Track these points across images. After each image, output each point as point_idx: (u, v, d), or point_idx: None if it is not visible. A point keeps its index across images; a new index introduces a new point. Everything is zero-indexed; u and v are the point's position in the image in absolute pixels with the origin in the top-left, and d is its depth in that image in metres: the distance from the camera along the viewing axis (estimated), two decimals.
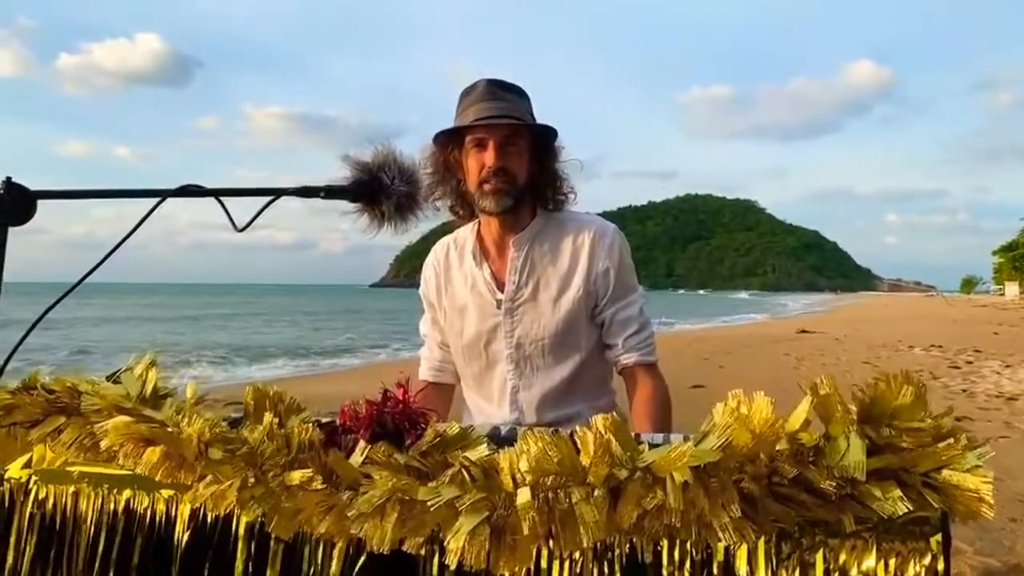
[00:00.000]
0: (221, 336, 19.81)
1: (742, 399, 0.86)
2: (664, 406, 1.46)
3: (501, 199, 1.43)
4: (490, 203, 1.44)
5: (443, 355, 1.66)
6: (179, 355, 12.39)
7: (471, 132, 1.44)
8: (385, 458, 0.90)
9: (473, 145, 1.44)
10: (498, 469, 0.87)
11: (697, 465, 0.80)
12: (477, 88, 1.46)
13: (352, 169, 1.19)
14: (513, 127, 1.42)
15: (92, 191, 1.09)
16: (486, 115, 1.41)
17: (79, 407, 1.04)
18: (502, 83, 1.46)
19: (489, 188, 1.43)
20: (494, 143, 1.41)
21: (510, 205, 1.44)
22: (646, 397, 1.46)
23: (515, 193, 1.44)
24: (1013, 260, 41.79)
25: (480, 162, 1.43)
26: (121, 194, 1.11)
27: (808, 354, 10.35)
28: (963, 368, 8.55)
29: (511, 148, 1.42)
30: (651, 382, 1.48)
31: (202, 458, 0.93)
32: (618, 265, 1.49)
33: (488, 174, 1.42)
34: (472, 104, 1.44)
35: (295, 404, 1.05)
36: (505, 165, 1.42)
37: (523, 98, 1.48)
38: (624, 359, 1.50)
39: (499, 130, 1.41)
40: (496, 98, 1.43)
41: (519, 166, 1.44)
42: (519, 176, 1.44)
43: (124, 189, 1.10)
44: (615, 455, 0.83)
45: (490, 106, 1.41)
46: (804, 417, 0.82)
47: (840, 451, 0.81)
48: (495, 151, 1.41)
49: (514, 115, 1.41)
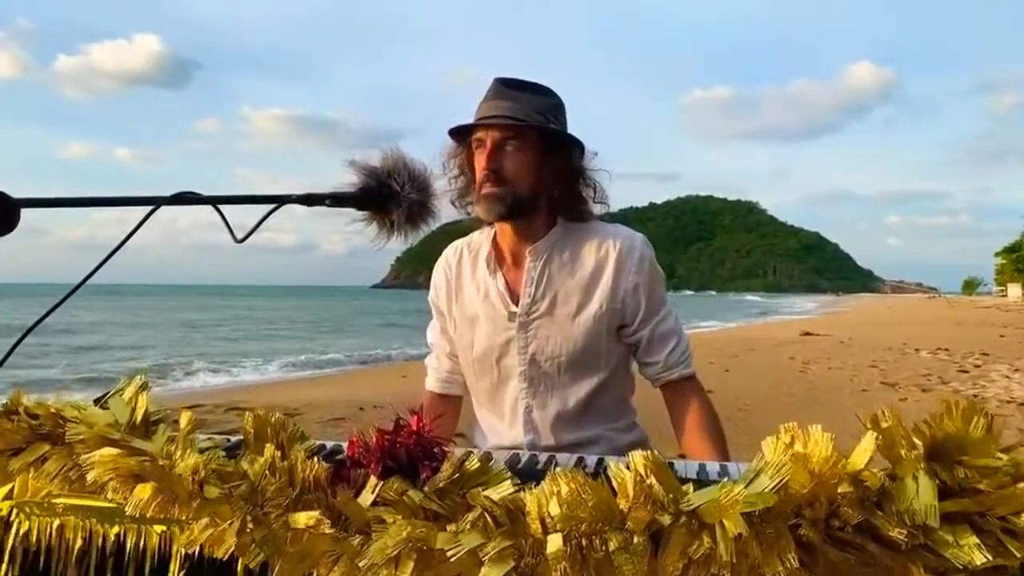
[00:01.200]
0: (220, 338, 19.73)
1: (796, 433, 0.77)
2: (716, 422, 1.39)
3: (493, 205, 1.33)
4: (482, 209, 1.34)
5: (452, 366, 1.57)
6: (177, 358, 12.30)
7: (474, 133, 1.35)
8: (398, 497, 0.82)
9: (476, 147, 1.36)
10: (524, 511, 0.78)
11: (750, 511, 0.72)
12: (489, 87, 1.37)
13: (359, 175, 1.11)
14: (513, 128, 1.31)
15: (81, 199, 1.00)
16: (484, 115, 1.32)
17: (64, 435, 0.96)
18: (513, 81, 1.37)
19: (483, 193, 1.33)
20: (490, 143, 1.32)
21: (503, 212, 1.34)
22: (698, 415, 1.38)
23: (510, 200, 1.33)
24: (1016, 262, 41.69)
25: (479, 164, 1.34)
26: (113, 202, 1.02)
27: (814, 357, 10.25)
28: (972, 372, 8.46)
29: (509, 149, 1.32)
30: (698, 397, 1.41)
31: (197, 496, 0.85)
32: (648, 280, 1.39)
33: (483, 177, 1.33)
34: (480, 104, 1.35)
35: (298, 432, 0.96)
36: (498, 167, 1.32)
37: (540, 96, 1.36)
38: (667, 375, 1.41)
39: (495, 130, 1.32)
40: (501, 97, 1.34)
41: (518, 169, 1.33)
42: (517, 180, 1.33)
43: (116, 197, 1.01)
44: (657, 498, 0.74)
45: (493, 105, 1.33)
46: (869, 456, 0.73)
47: (909, 494, 0.72)
48: (489, 152, 1.32)
49: (516, 115, 1.31)
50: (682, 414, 1.41)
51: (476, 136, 1.35)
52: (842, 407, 6.10)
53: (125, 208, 1.04)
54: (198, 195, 1.06)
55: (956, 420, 0.78)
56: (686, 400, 1.41)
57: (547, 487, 0.78)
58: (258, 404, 6.18)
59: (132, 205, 1.03)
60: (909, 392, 6.82)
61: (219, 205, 1.06)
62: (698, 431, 1.37)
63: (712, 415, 1.40)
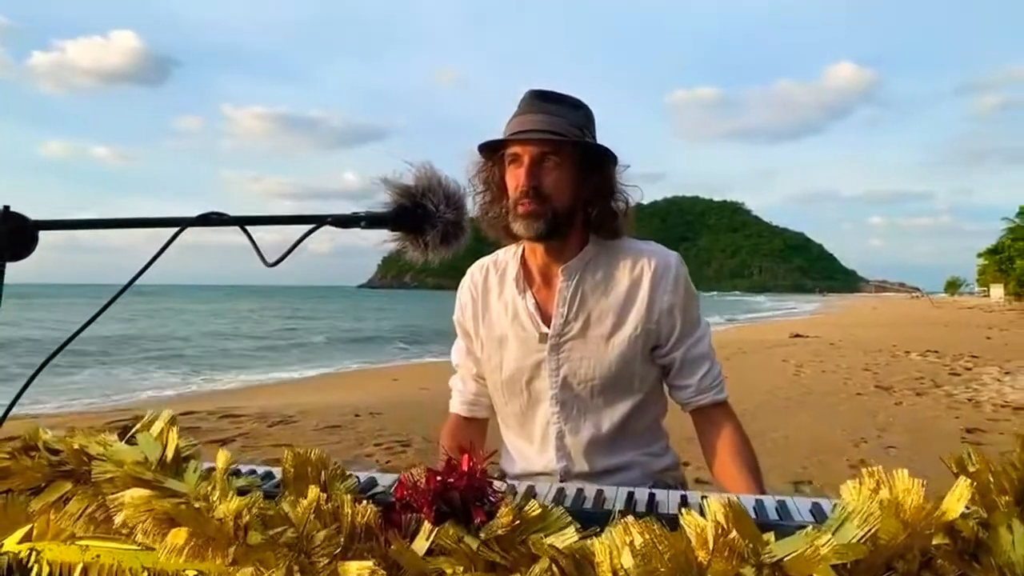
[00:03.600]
0: (205, 340, 19.53)
1: (881, 477, 0.73)
2: (750, 450, 1.34)
3: (532, 224, 1.28)
4: (521, 228, 1.29)
5: (478, 388, 1.52)
6: (161, 362, 12.13)
7: (509, 148, 1.30)
8: (455, 544, 0.77)
9: (510, 161, 1.30)
10: (593, 562, 0.74)
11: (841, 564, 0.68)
12: (522, 100, 1.32)
13: (393, 194, 1.06)
14: (550, 143, 1.27)
15: (102, 221, 0.94)
16: (521, 128, 1.27)
17: (88, 473, 0.90)
18: (548, 94, 1.32)
19: (522, 211, 1.28)
20: (528, 159, 1.27)
21: (543, 231, 1.29)
22: (731, 442, 1.33)
23: (550, 217, 1.29)
24: (998, 263, 42.16)
25: (516, 181, 1.29)
26: (136, 223, 0.96)
27: (806, 360, 10.28)
28: (963, 375, 8.50)
29: (548, 165, 1.28)
30: (731, 424, 1.36)
31: (237, 542, 0.79)
32: (684, 301, 1.35)
33: (520, 194, 1.28)
34: (514, 117, 1.30)
35: (339, 470, 0.91)
36: (538, 184, 1.27)
37: (576, 109, 1.32)
38: (699, 400, 1.37)
39: (534, 145, 1.27)
40: (537, 110, 1.29)
41: (558, 186, 1.29)
42: (556, 197, 1.29)
43: (139, 219, 0.95)
44: (738, 549, 0.70)
45: (529, 119, 1.28)
46: (964, 504, 0.69)
47: (1006, 544, 0.68)
48: (528, 168, 1.27)
49: (555, 129, 1.26)
50: (714, 440, 1.36)
51: (511, 151, 1.30)
52: (838, 411, 6.10)
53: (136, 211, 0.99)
54: (225, 216, 1.00)
55: None
56: (718, 426, 1.37)
57: (618, 536, 0.73)
58: (251, 410, 6.10)
59: (156, 227, 0.97)
60: (904, 396, 6.83)
61: (249, 227, 1.01)
62: (731, 458, 1.32)
63: (745, 441, 1.35)
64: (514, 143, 1.28)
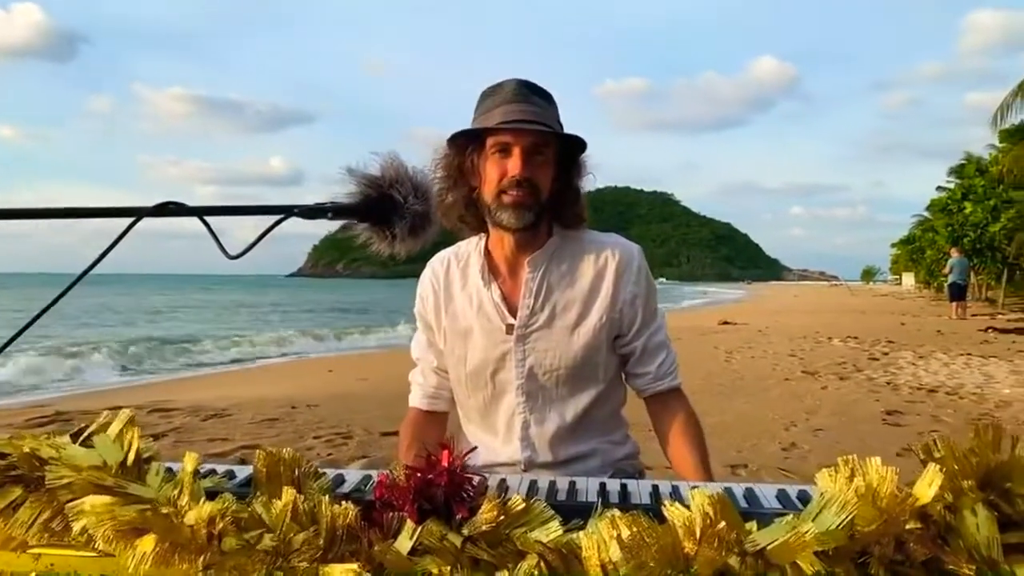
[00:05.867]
0: (128, 332, 18.72)
1: (856, 465, 0.76)
2: (701, 434, 1.38)
3: (522, 214, 1.29)
4: (510, 217, 1.29)
5: (439, 381, 1.51)
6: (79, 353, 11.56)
7: (494, 135, 1.28)
8: (439, 543, 0.76)
9: (496, 150, 1.29)
10: (580, 556, 0.74)
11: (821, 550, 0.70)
12: (505, 88, 1.31)
13: (359, 184, 1.03)
14: (542, 135, 1.27)
15: (56, 210, 0.89)
16: (515, 118, 1.26)
17: (41, 479, 0.85)
18: (533, 86, 1.32)
19: (510, 200, 1.28)
20: (520, 150, 1.26)
21: (531, 221, 1.30)
22: (684, 427, 1.37)
23: (537, 209, 1.30)
24: (910, 253, 44.47)
25: (502, 170, 1.28)
26: (90, 213, 0.91)
27: (736, 347, 10.59)
28: (881, 360, 8.92)
29: (539, 158, 1.28)
30: (685, 410, 1.40)
31: (210, 549, 0.76)
32: (645, 291, 1.38)
33: (511, 184, 1.27)
34: (499, 105, 1.28)
35: (312, 469, 0.88)
36: (531, 176, 1.27)
37: (553, 105, 1.34)
38: (656, 387, 1.40)
39: (528, 136, 1.26)
40: (527, 101, 1.28)
41: (544, 179, 1.30)
42: (543, 190, 1.30)
43: (93, 208, 0.91)
44: (723, 539, 0.71)
45: (520, 109, 1.27)
46: (935, 490, 0.72)
47: (971, 527, 0.72)
48: (521, 159, 1.26)
49: (545, 121, 1.27)
50: (669, 425, 1.39)
51: (500, 139, 1.28)
52: (769, 396, 6.31)
53: None
54: (184, 205, 0.96)
55: (985, 444, 0.78)
56: (673, 412, 1.40)
57: (605, 530, 0.74)
58: (182, 404, 5.89)
59: (111, 216, 0.92)
60: (829, 380, 7.12)
61: (208, 217, 0.97)
62: (685, 442, 1.36)
63: (697, 426, 1.39)
64: (506, 132, 1.27)
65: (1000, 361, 8.57)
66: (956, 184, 23.41)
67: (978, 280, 24.72)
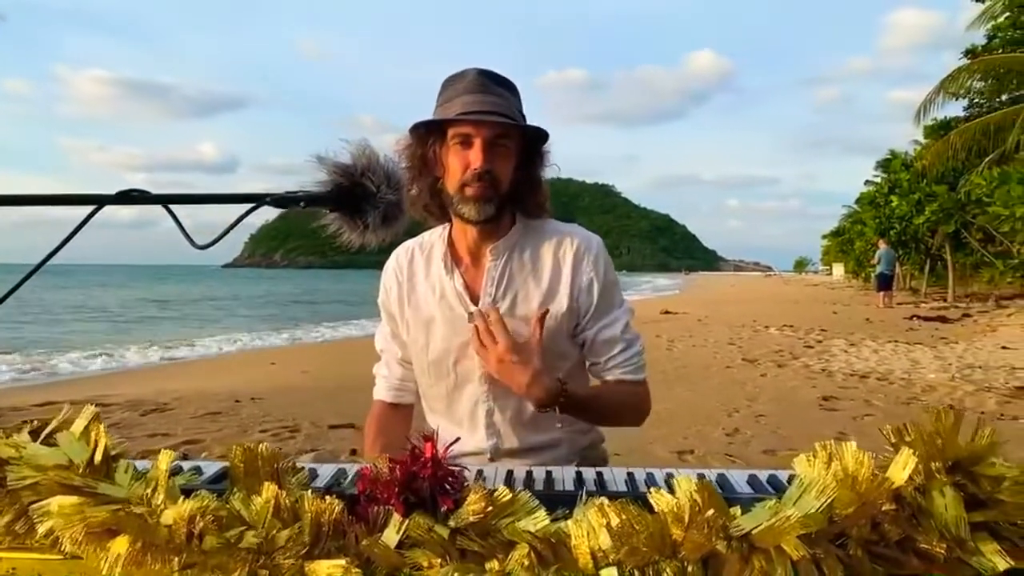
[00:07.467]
0: (55, 324, 17.94)
1: (833, 450, 0.78)
2: (631, 400, 1.39)
3: (483, 207, 1.28)
4: (471, 211, 1.29)
5: (403, 372, 1.49)
6: None
7: (455, 127, 1.27)
8: (428, 535, 0.75)
9: (457, 141, 1.28)
10: (570, 545, 0.74)
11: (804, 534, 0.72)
12: (466, 77, 1.29)
13: (330, 173, 1.01)
14: (503, 126, 1.26)
15: (17, 197, 0.84)
16: (475, 109, 1.25)
17: (3, 479, 0.81)
18: (495, 75, 1.31)
19: (471, 193, 1.27)
20: (481, 142, 1.25)
21: (491, 214, 1.30)
22: (624, 384, 1.39)
23: (498, 201, 1.30)
24: (840, 244, 46.18)
25: (464, 161, 1.27)
26: (51, 200, 0.87)
27: (678, 336, 10.82)
28: (815, 347, 9.25)
29: (500, 149, 1.28)
30: (630, 388, 1.39)
31: (188, 548, 0.74)
32: (603, 280, 1.37)
33: (472, 176, 1.26)
34: (459, 95, 1.27)
35: (290, 464, 0.86)
36: (492, 168, 1.27)
37: (515, 95, 1.33)
38: (606, 375, 1.39)
39: (488, 127, 1.25)
40: (487, 91, 1.27)
41: (505, 170, 1.30)
42: (504, 181, 1.30)
43: (55, 195, 0.86)
44: (710, 524, 0.72)
45: (480, 99, 1.25)
46: (908, 472, 0.75)
47: (940, 507, 0.75)
48: (482, 151, 1.26)
49: (506, 112, 1.26)
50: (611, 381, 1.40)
51: (461, 131, 1.27)
52: (711, 384, 6.48)
53: None
54: (148, 193, 0.93)
55: (948, 428, 0.82)
56: (622, 383, 1.39)
57: (594, 518, 0.74)
58: (120, 398, 5.68)
59: (72, 204, 0.88)
60: (768, 368, 7.35)
61: (174, 205, 0.94)
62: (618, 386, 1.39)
63: (636, 397, 1.40)
64: (466, 123, 1.26)
65: (925, 348, 9.00)
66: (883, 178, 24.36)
67: (903, 270, 25.84)
